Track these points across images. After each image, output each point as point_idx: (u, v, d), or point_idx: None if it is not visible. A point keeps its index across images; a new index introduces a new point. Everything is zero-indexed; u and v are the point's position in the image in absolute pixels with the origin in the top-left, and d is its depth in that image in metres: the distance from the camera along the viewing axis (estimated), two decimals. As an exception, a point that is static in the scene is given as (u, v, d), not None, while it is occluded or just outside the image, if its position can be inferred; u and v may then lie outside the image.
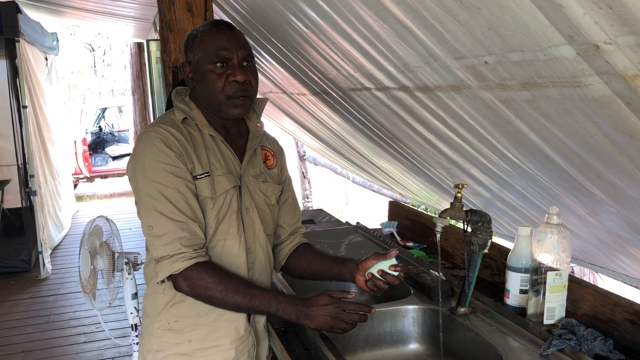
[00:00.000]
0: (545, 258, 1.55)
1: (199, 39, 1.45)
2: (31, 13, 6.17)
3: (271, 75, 4.08)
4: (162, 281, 1.41)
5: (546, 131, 1.66)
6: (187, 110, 1.48)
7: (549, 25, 1.18)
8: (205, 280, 1.37)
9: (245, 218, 1.51)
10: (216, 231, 1.45)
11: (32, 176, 5.54)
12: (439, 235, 1.55)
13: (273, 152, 1.65)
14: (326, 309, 1.37)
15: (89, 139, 11.32)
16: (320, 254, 1.69)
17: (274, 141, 1.69)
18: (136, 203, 1.47)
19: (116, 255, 2.39)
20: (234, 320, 1.51)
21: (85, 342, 4.13)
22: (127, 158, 10.57)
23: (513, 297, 1.68)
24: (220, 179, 1.46)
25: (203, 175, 1.44)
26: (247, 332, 1.55)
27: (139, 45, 9.01)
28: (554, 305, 1.54)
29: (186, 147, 1.42)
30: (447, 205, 1.58)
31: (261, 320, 1.62)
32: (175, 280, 1.39)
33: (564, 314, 1.56)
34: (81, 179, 10.60)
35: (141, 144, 1.42)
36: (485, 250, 1.63)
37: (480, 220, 1.60)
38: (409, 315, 1.76)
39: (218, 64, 1.42)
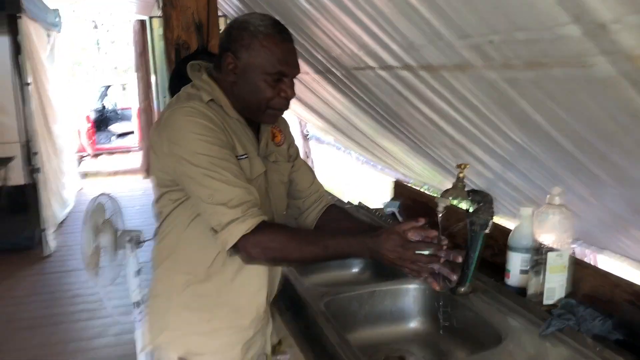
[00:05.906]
0: (546, 238, 1.55)
1: (259, 42, 1.36)
2: (33, -11, 6.11)
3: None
4: (229, 251, 1.33)
5: (550, 112, 1.65)
6: (211, 92, 1.42)
7: (555, 3, 1.16)
8: (277, 241, 1.32)
9: (265, 201, 1.49)
10: None
11: (36, 153, 5.55)
12: (440, 215, 1.55)
13: (279, 128, 1.62)
14: (391, 240, 1.29)
15: (92, 116, 11.31)
16: (348, 215, 1.70)
17: None
18: (155, 181, 1.46)
19: (119, 233, 2.41)
20: (255, 300, 1.51)
21: (88, 319, 4.18)
22: (131, 136, 10.38)
23: (513, 277, 1.69)
24: (254, 161, 1.45)
25: (244, 157, 1.41)
26: (266, 313, 1.56)
27: (142, 23, 8.92)
28: (553, 285, 1.55)
29: (222, 127, 1.39)
30: (450, 186, 1.58)
31: (272, 298, 1.63)
32: (245, 249, 1.31)
33: (563, 295, 1.57)
34: (85, 156, 10.62)
35: (179, 120, 1.35)
36: (487, 231, 1.63)
37: (482, 200, 1.60)
38: (410, 293, 1.77)
39: (275, 76, 1.38)
